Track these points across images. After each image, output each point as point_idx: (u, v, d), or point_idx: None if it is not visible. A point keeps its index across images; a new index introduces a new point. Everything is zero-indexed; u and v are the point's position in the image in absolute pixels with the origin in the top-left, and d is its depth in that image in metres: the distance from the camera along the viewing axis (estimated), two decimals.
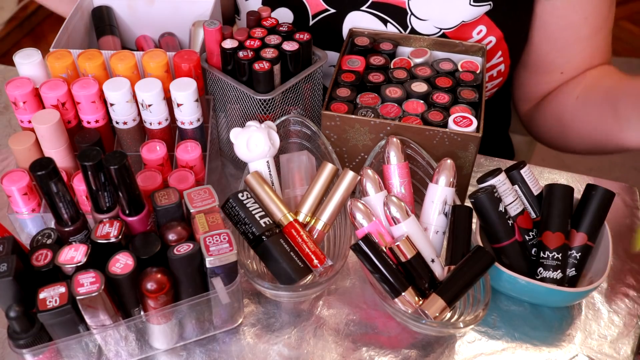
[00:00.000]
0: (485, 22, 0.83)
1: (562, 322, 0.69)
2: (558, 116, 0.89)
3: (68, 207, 0.60)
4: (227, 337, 0.67)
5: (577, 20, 0.85)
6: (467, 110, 0.73)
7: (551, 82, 0.91)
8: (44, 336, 0.58)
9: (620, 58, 2.24)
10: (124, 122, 0.72)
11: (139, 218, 0.63)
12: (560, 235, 0.67)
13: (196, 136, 0.74)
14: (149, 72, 0.72)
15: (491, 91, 0.95)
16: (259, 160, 0.70)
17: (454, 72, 0.79)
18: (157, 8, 0.87)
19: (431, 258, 0.64)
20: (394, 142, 0.69)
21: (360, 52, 0.82)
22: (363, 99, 0.75)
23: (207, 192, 0.64)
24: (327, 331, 0.68)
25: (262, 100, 0.74)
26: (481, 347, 0.67)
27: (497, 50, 0.86)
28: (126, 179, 0.59)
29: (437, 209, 0.67)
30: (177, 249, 0.58)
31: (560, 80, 0.90)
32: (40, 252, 0.59)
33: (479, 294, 0.63)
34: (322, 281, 0.64)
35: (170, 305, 0.60)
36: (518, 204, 0.69)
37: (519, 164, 0.71)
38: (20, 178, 0.66)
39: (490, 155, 0.86)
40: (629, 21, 2.43)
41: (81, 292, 0.55)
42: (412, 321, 0.62)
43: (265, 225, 0.64)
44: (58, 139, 0.69)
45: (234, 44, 0.76)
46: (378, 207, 0.66)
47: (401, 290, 0.62)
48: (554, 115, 0.90)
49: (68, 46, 0.79)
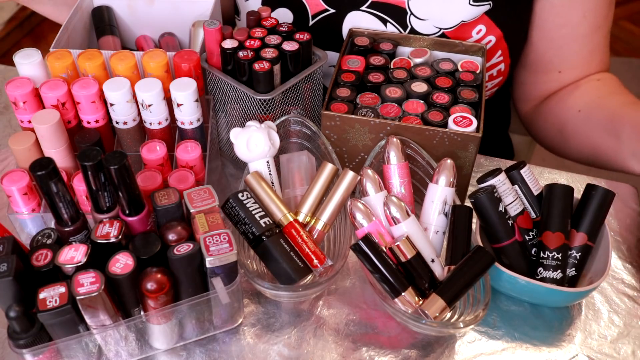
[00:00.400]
0: (484, 21, 0.83)
1: (562, 322, 0.69)
2: (560, 126, 0.89)
3: (68, 207, 0.60)
4: (227, 337, 0.67)
5: (576, 18, 0.85)
6: (467, 110, 0.73)
7: (549, 81, 0.91)
8: (44, 336, 0.58)
9: (620, 58, 2.24)
10: (124, 122, 0.72)
11: (139, 218, 0.63)
12: (560, 235, 0.67)
13: (196, 136, 0.74)
14: (149, 72, 0.72)
15: (491, 90, 0.95)
16: (259, 160, 0.70)
17: (454, 72, 0.79)
18: (157, 8, 0.87)
19: (431, 258, 0.64)
20: (393, 142, 0.69)
21: (360, 52, 0.82)
22: (363, 99, 0.75)
23: (207, 192, 0.64)
24: (327, 331, 0.68)
25: (262, 100, 0.74)
26: (481, 347, 0.67)
27: (496, 49, 0.86)
28: (126, 179, 0.59)
29: (437, 209, 0.67)
30: (177, 249, 0.58)
31: (559, 80, 0.90)
32: (40, 252, 0.59)
33: (479, 294, 0.63)
34: (322, 281, 0.64)
35: (170, 305, 0.60)
36: (518, 204, 0.69)
37: (518, 164, 0.71)
38: (20, 178, 0.66)
39: (489, 155, 0.86)
40: (629, 21, 2.44)
41: (81, 292, 0.55)
42: (412, 321, 0.62)
43: (265, 225, 0.64)
44: (58, 139, 0.69)
45: (234, 44, 0.76)
46: (378, 207, 0.66)
47: (401, 290, 0.62)
48: (556, 125, 0.90)
49: (68, 46, 0.79)
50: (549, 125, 0.92)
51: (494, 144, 1.06)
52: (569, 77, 0.90)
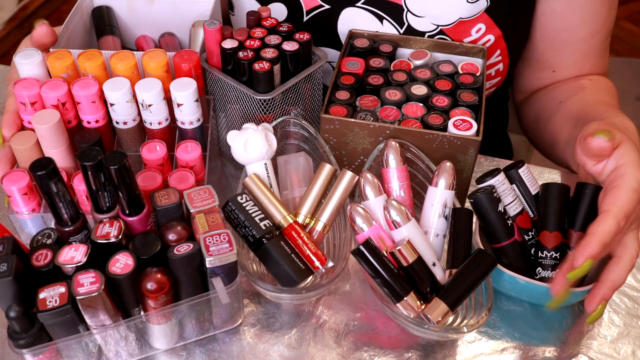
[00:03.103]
0: (484, 20, 0.83)
1: (562, 322, 0.69)
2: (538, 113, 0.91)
3: (68, 207, 0.60)
4: (227, 337, 0.67)
5: (575, 23, 0.85)
6: (467, 113, 0.73)
7: (543, 78, 0.92)
8: (44, 336, 0.58)
9: (620, 58, 2.24)
10: (124, 122, 0.72)
11: (139, 218, 0.63)
12: (558, 234, 0.67)
13: (196, 136, 0.74)
14: (149, 72, 0.72)
15: (489, 90, 0.95)
16: (257, 163, 0.70)
17: (454, 74, 0.79)
18: (157, 8, 0.87)
19: (432, 262, 0.64)
20: (392, 146, 0.69)
21: (360, 54, 0.82)
22: (362, 102, 0.75)
23: (207, 192, 0.64)
24: (327, 331, 0.68)
25: (262, 100, 0.74)
26: (481, 347, 0.67)
27: (495, 48, 0.86)
28: (126, 179, 0.59)
29: (437, 212, 0.67)
30: (177, 249, 0.58)
31: (551, 78, 0.92)
32: (40, 252, 0.59)
33: (481, 297, 0.63)
34: (324, 283, 0.64)
35: (170, 305, 0.60)
36: (517, 203, 0.69)
37: (516, 163, 0.71)
38: (20, 178, 0.66)
39: (488, 154, 0.87)
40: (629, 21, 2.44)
41: (81, 292, 0.55)
42: (414, 326, 0.62)
43: (265, 227, 0.64)
44: (58, 139, 0.69)
45: (234, 44, 0.76)
46: (378, 211, 0.66)
47: (403, 295, 0.62)
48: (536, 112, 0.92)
49: (68, 46, 0.79)
50: (530, 113, 0.94)
51: (492, 144, 1.06)
52: (561, 77, 0.91)
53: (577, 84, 0.88)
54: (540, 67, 0.92)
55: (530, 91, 0.96)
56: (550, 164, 0.89)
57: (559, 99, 0.88)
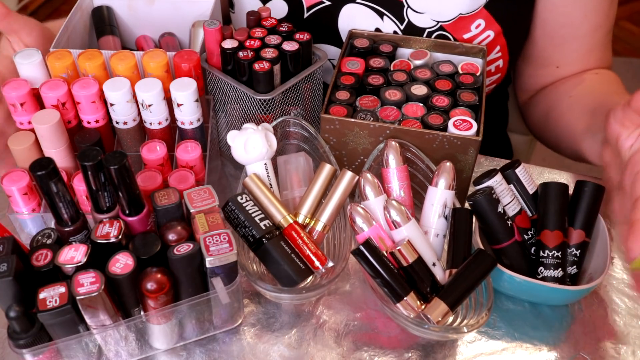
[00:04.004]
0: (484, 15, 0.83)
1: (562, 321, 0.69)
2: (547, 110, 0.91)
3: (68, 207, 0.60)
4: (227, 337, 0.67)
5: (577, 17, 0.85)
6: (467, 113, 0.73)
7: (547, 75, 0.92)
8: (44, 336, 0.58)
9: (620, 58, 2.24)
10: (124, 122, 0.72)
11: (139, 218, 0.63)
12: (559, 233, 0.67)
13: (196, 136, 0.74)
14: (149, 72, 0.72)
15: (489, 88, 0.95)
16: (257, 163, 0.70)
17: (454, 74, 0.79)
18: (157, 8, 0.87)
19: (432, 262, 0.64)
20: (392, 146, 0.69)
21: (360, 54, 0.82)
22: (362, 102, 0.75)
23: (207, 192, 0.64)
24: (327, 331, 0.68)
25: (262, 100, 0.74)
26: (481, 347, 0.67)
27: (495, 45, 0.86)
28: (126, 179, 0.59)
29: (437, 212, 0.67)
30: (177, 249, 0.58)
31: (555, 74, 0.91)
32: (40, 252, 0.59)
33: (481, 297, 0.63)
34: (324, 283, 0.64)
35: (170, 305, 0.60)
36: (515, 203, 0.69)
37: (513, 163, 0.71)
38: (20, 178, 0.66)
39: (488, 154, 0.86)
40: (629, 21, 2.44)
41: (81, 292, 0.55)
42: (414, 326, 0.62)
43: (265, 227, 0.64)
44: (58, 139, 0.69)
45: (234, 44, 0.76)
46: (378, 211, 0.66)
47: (403, 295, 0.62)
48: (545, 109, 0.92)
49: (68, 46, 0.79)
50: (538, 109, 0.94)
51: (492, 143, 1.06)
52: (566, 72, 0.91)
53: (585, 77, 0.88)
54: (542, 64, 0.92)
55: (535, 89, 0.95)
56: (550, 164, 0.89)
57: (568, 93, 0.87)
